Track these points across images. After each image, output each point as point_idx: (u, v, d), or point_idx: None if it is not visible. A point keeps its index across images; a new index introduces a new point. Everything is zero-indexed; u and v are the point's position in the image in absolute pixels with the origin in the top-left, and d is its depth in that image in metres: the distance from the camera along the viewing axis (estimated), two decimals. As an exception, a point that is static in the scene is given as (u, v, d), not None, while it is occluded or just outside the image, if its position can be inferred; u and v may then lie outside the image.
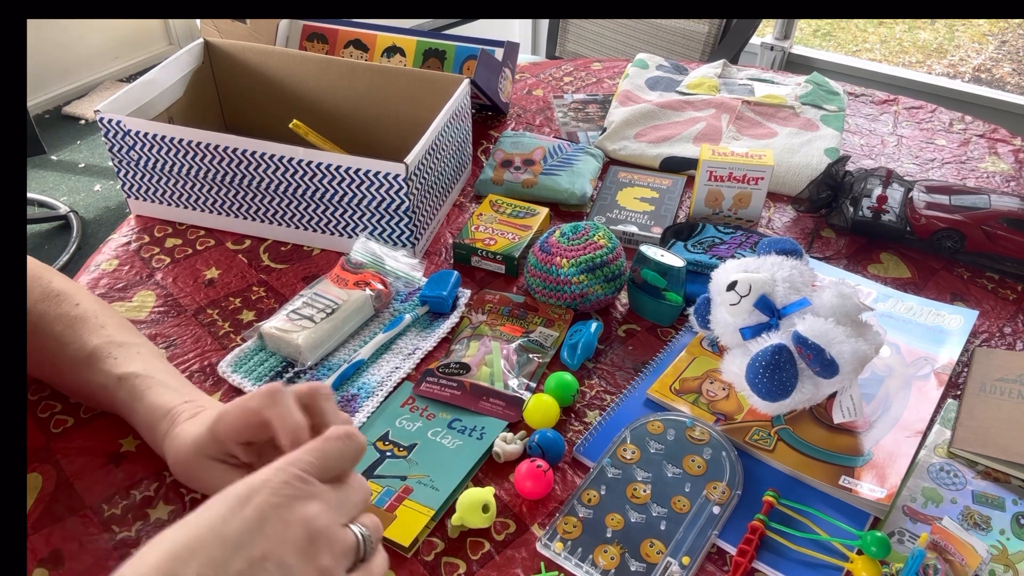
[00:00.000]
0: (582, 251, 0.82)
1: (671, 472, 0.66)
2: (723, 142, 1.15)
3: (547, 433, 0.68)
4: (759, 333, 0.69)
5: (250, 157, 0.88)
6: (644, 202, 1.00)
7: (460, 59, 1.15)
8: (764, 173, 0.94)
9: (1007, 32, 3.74)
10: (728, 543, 0.62)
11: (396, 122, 1.05)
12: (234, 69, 1.07)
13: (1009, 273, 0.91)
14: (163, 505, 0.65)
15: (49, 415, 0.72)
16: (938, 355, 0.80)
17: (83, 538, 0.62)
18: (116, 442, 0.69)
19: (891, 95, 1.32)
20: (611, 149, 1.13)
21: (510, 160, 1.06)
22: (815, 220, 1.02)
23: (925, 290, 0.90)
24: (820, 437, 0.70)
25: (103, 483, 0.66)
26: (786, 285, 0.70)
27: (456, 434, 0.70)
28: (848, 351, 0.64)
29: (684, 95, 1.26)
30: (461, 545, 0.62)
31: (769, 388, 0.66)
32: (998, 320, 0.86)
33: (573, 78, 1.38)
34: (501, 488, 0.66)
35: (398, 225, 0.88)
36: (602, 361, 0.80)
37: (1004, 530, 0.63)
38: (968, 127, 1.23)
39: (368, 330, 0.81)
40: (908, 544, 0.62)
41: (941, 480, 0.68)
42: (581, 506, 0.64)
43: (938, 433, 0.72)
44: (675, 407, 0.73)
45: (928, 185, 0.98)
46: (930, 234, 0.93)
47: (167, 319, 0.83)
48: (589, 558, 0.60)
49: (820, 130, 1.17)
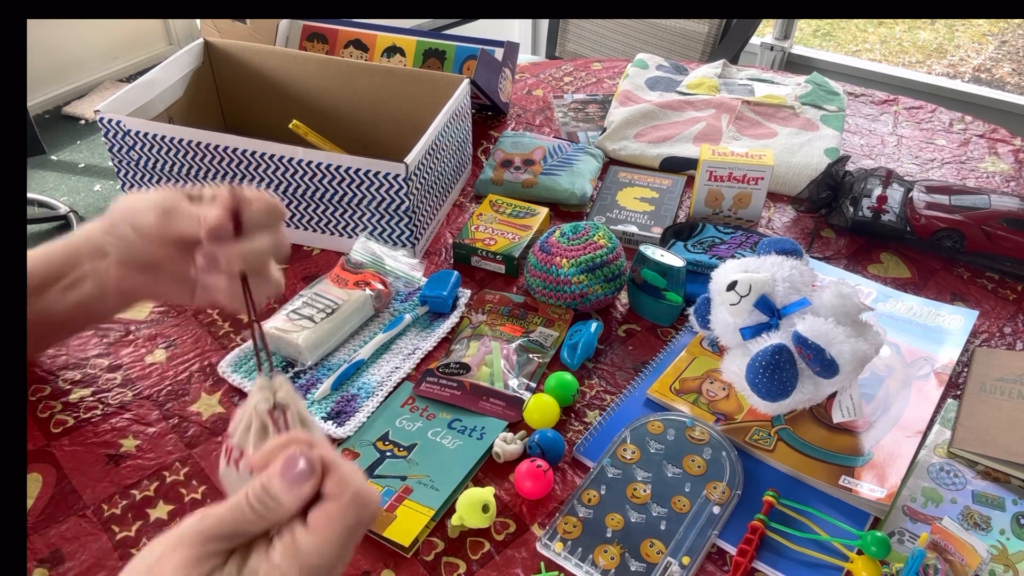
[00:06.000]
0: (582, 251, 0.82)
1: (671, 472, 0.66)
2: (723, 142, 1.15)
3: (547, 433, 0.68)
4: (759, 333, 0.69)
5: (250, 157, 0.87)
6: (644, 202, 1.00)
7: (460, 59, 1.15)
8: (764, 173, 0.94)
9: (1007, 32, 3.74)
10: (728, 543, 0.62)
11: (396, 122, 1.05)
12: (234, 69, 1.07)
13: (1009, 273, 0.91)
14: (163, 505, 0.65)
15: (49, 415, 0.72)
16: (938, 355, 0.80)
17: (83, 538, 0.62)
18: (116, 442, 0.69)
19: (891, 95, 1.32)
20: (611, 149, 1.13)
21: (510, 160, 1.06)
22: (815, 220, 1.02)
23: (925, 290, 0.90)
24: (820, 437, 0.70)
25: (103, 483, 0.66)
26: (786, 285, 0.70)
27: (456, 434, 0.70)
28: (848, 351, 0.64)
29: (684, 95, 1.26)
30: (461, 545, 0.62)
31: (769, 388, 0.66)
32: (998, 320, 0.86)
33: (573, 78, 1.38)
34: (501, 488, 0.66)
35: (398, 225, 0.88)
36: (602, 361, 0.80)
37: (1004, 530, 0.63)
38: (968, 127, 1.23)
39: (368, 330, 0.81)
40: (908, 544, 0.62)
41: (941, 480, 0.68)
42: (581, 506, 0.64)
43: (938, 433, 0.72)
44: (675, 407, 0.73)
45: (928, 185, 0.98)
46: (930, 234, 0.93)
47: (167, 319, 0.83)
48: (589, 558, 0.60)
49: (820, 130, 1.17)
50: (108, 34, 3.17)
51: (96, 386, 0.75)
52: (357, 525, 0.38)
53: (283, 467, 0.37)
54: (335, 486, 0.38)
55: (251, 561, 0.36)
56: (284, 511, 0.37)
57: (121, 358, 0.78)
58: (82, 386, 0.75)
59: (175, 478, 0.67)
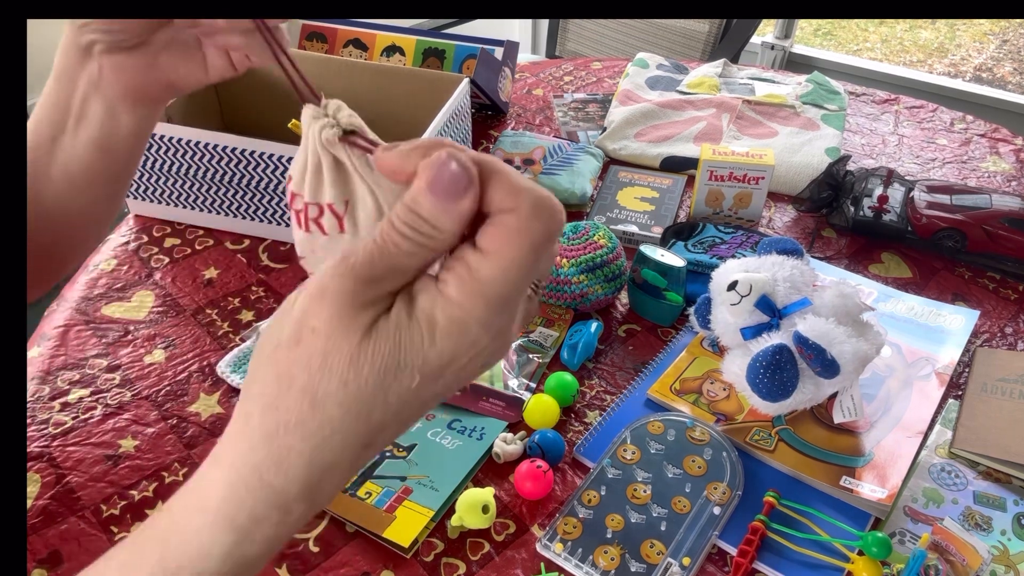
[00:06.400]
0: (582, 251, 0.82)
1: (671, 472, 0.66)
2: (724, 141, 1.15)
3: (547, 433, 0.68)
4: (760, 333, 0.69)
5: (249, 157, 0.87)
6: (644, 202, 1.00)
7: (460, 58, 1.15)
8: (765, 173, 0.94)
9: (1008, 31, 3.74)
10: (729, 544, 0.62)
11: (396, 122, 1.05)
12: (234, 69, 1.07)
13: (1010, 273, 0.91)
14: (162, 505, 0.64)
15: (49, 415, 0.71)
16: (939, 355, 0.79)
17: (82, 538, 0.62)
18: (115, 442, 0.69)
19: (892, 94, 1.32)
20: (611, 149, 1.13)
21: (510, 160, 1.06)
22: (816, 220, 1.01)
23: (926, 290, 0.90)
24: (821, 437, 0.70)
25: (102, 483, 0.66)
26: (787, 285, 0.70)
27: (456, 434, 0.70)
28: (849, 351, 0.64)
29: (684, 94, 1.26)
30: (461, 546, 0.62)
31: (770, 388, 0.66)
32: (999, 320, 0.86)
33: (573, 77, 1.37)
34: (501, 488, 0.66)
35: (398, 225, 0.88)
36: (602, 361, 0.80)
37: (1005, 531, 0.63)
38: (969, 127, 1.23)
39: (368, 330, 0.81)
40: (909, 545, 0.62)
41: (942, 480, 0.67)
42: (581, 507, 0.64)
43: (939, 433, 0.72)
44: (675, 407, 0.73)
45: (929, 185, 0.98)
46: (931, 234, 0.93)
47: (166, 319, 0.83)
48: (589, 559, 0.60)
49: (821, 129, 1.17)
50: (108, 34, 3.17)
51: (95, 386, 0.75)
52: (546, 240, 0.29)
53: (431, 178, 0.29)
54: (506, 196, 0.29)
55: (420, 301, 0.30)
56: (444, 236, 0.29)
57: (120, 358, 0.78)
58: (81, 386, 0.75)
59: (174, 479, 0.67)
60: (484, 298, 0.29)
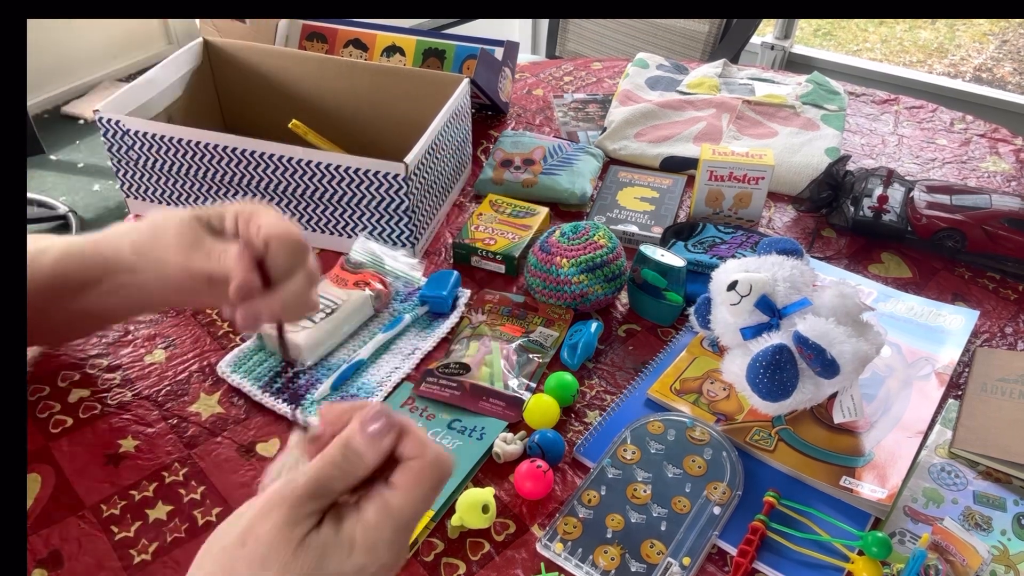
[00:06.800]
0: (582, 251, 0.82)
1: (671, 472, 0.66)
2: (723, 142, 1.15)
3: (547, 433, 0.68)
4: (760, 333, 0.69)
5: (250, 157, 0.87)
6: (644, 202, 1.00)
7: (460, 58, 1.15)
8: (764, 173, 0.94)
9: (1008, 32, 3.74)
10: (729, 544, 0.62)
11: (396, 122, 1.05)
12: (233, 69, 1.07)
13: (1010, 273, 0.91)
14: (162, 505, 0.64)
15: (48, 415, 0.71)
16: (939, 355, 0.79)
17: (82, 538, 0.62)
18: (116, 442, 0.69)
19: (892, 95, 1.32)
20: (611, 149, 1.13)
21: (510, 160, 1.06)
22: (816, 220, 1.01)
23: (926, 290, 0.90)
24: (821, 437, 0.70)
25: (102, 483, 0.66)
26: (787, 285, 0.70)
27: (456, 434, 0.70)
28: (849, 351, 0.64)
29: (684, 95, 1.26)
30: (461, 546, 0.62)
31: (770, 388, 0.66)
32: (999, 320, 0.86)
33: (573, 78, 1.37)
34: (501, 488, 0.66)
35: (398, 225, 0.88)
36: (602, 361, 0.80)
37: (1005, 531, 0.63)
38: (969, 127, 1.23)
39: (368, 330, 0.81)
40: (909, 545, 0.62)
41: (942, 480, 0.67)
42: (581, 506, 0.64)
43: (939, 433, 0.72)
44: (675, 407, 0.73)
45: (929, 185, 0.98)
46: (931, 234, 0.93)
47: (166, 319, 0.83)
48: (589, 559, 0.60)
49: (821, 130, 1.17)
50: (107, 34, 3.17)
51: (95, 386, 0.75)
52: (439, 483, 0.40)
53: (363, 423, 0.39)
54: (415, 447, 0.39)
55: (346, 524, 0.38)
56: (365, 465, 0.39)
57: (120, 358, 0.78)
58: (81, 386, 0.75)
59: (174, 479, 0.67)
60: (393, 521, 0.38)
